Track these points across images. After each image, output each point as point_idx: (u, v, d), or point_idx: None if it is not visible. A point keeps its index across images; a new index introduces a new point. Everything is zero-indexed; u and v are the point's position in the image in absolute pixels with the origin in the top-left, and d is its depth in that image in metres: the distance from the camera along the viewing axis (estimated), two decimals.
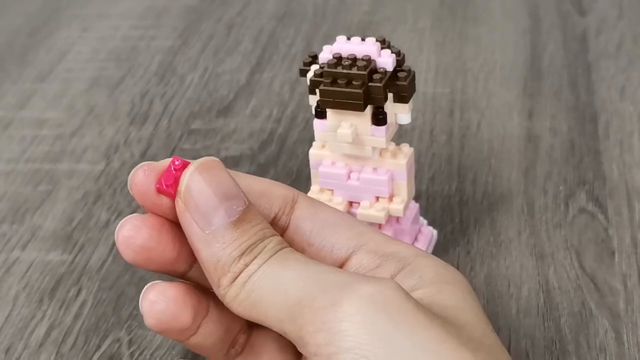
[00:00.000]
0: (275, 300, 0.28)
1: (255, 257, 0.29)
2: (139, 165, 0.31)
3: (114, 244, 0.46)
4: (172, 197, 0.30)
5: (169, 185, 0.30)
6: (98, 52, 0.66)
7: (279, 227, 0.33)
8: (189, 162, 0.30)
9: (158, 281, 0.31)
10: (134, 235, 0.30)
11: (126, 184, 0.51)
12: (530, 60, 0.61)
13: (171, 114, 0.58)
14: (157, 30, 0.69)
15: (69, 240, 0.47)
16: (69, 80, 0.63)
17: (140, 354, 0.40)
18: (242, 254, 0.29)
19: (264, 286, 0.29)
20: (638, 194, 0.47)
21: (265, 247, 0.29)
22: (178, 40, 0.67)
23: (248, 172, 0.51)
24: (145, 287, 0.31)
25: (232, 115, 0.57)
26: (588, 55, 0.61)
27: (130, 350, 0.40)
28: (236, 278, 0.29)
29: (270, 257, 0.29)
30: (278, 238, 0.30)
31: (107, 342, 0.41)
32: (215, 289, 0.30)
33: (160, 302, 0.30)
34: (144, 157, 0.54)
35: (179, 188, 0.30)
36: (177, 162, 0.30)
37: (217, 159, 0.31)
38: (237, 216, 0.29)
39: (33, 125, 0.58)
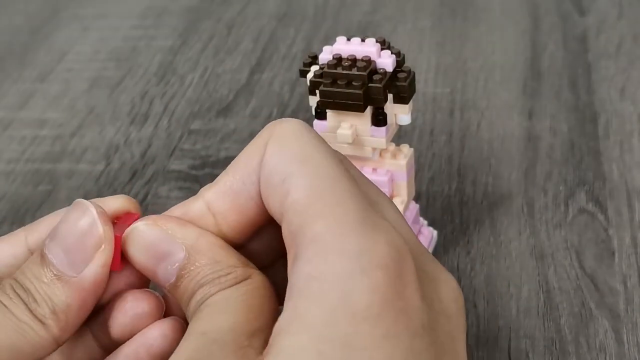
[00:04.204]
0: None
1: (190, 310, 0.29)
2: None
3: None
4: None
5: (122, 261, 0.30)
6: (98, 52, 0.66)
7: None
8: (124, 230, 0.30)
9: None
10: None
11: (126, 184, 0.51)
12: (530, 60, 0.61)
13: (171, 114, 0.58)
14: (157, 30, 0.69)
15: None
16: (69, 80, 0.63)
17: None
18: (191, 300, 0.29)
19: None
20: (638, 194, 0.47)
21: (191, 303, 0.28)
22: (178, 40, 0.67)
23: None
24: None
25: (232, 115, 0.57)
26: (588, 55, 0.61)
27: None
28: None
29: (193, 314, 0.28)
30: (204, 290, 0.28)
31: None
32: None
33: None
34: (144, 157, 0.54)
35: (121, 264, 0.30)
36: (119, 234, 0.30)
37: (145, 217, 0.30)
38: (176, 274, 0.29)
39: (33, 125, 0.58)
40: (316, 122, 0.40)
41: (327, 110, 0.39)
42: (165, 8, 0.72)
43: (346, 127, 0.38)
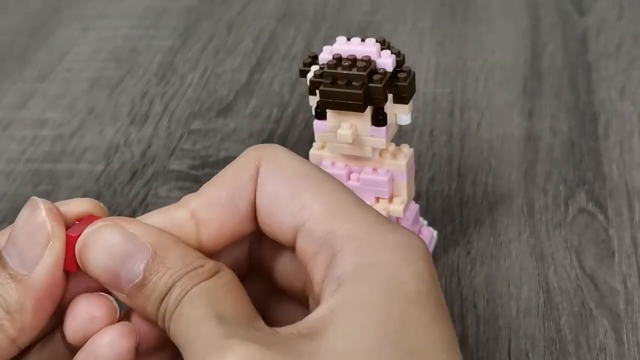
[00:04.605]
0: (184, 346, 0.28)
1: (167, 305, 0.28)
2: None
3: None
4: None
5: (70, 264, 0.29)
6: (98, 52, 0.66)
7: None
8: (82, 230, 0.29)
9: None
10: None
11: (126, 184, 0.51)
12: (530, 60, 0.61)
13: (171, 114, 0.58)
14: (157, 30, 0.69)
15: None
16: (69, 80, 0.63)
17: None
18: (159, 306, 0.28)
19: (177, 331, 0.28)
20: (638, 194, 0.47)
21: (170, 297, 0.28)
22: (178, 40, 0.67)
23: None
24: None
25: (232, 115, 0.57)
26: (588, 55, 0.61)
27: None
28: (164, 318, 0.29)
29: (175, 307, 0.28)
30: (183, 282, 0.28)
31: None
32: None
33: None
34: (144, 157, 0.54)
35: (79, 264, 0.29)
36: (72, 234, 0.29)
37: (105, 218, 0.29)
38: (142, 273, 0.28)
39: (33, 125, 0.58)
40: (316, 122, 0.40)
41: (327, 110, 0.39)
42: (165, 8, 0.72)
43: (346, 127, 0.38)
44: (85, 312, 0.29)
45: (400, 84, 0.38)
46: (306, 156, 0.50)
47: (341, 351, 0.26)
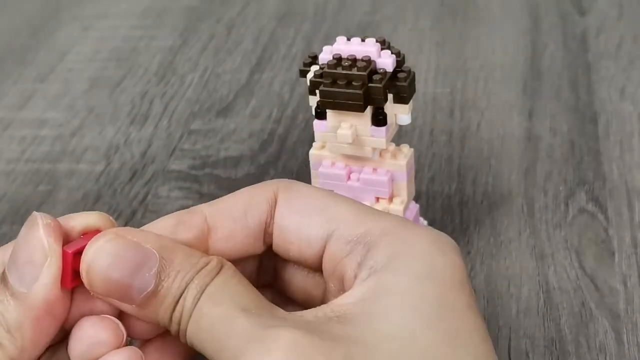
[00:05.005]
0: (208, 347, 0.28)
1: (183, 308, 0.28)
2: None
3: None
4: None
5: (74, 279, 0.29)
6: (98, 52, 0.66)
7: (269, 234, 0.32)
8: (81, 245, 0.29)
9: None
10: None
11: (126, 184, 0.51)
12: (530, 60, 0.61)
13: (171, 114, 0.58)
14: (157, 30, 0.69)
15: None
16: (69, 80, 0.63)
17: None
18: (173, 310, 0.28)
19: (199, 332, 0.28)
20: (638, 194, 0.47)
21: (186, 299, 0.28)
22: (178, 40, 0.67)
23: (247, 173, 0.51)
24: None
25: (232, 115, 0.57)
26: (588, 55, 0.61)
27: None
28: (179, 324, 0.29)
29: (193, 309, 0.28)
30: (196, 282, 0.28)
31: None
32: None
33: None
34: (144, 157, 0.54)
35: (84, 282, 0.29)
36: (70, 250, 0.29)
37: (105, 231, 0.29)
38: (154, 279, 0.28)
39: (33, 125, 0.58)
40: (316, 122, 0.40)
41: (327, 110, 0.39)
42: (165, 8, 0.72)
43: (346, 127, 0.38)
44: (90, 335, 0.29)
45: (400, 84, 0.38)
46: (306, 156, 0.50)
47: (383, 334, 0.27)
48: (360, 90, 0.37)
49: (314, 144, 0.41)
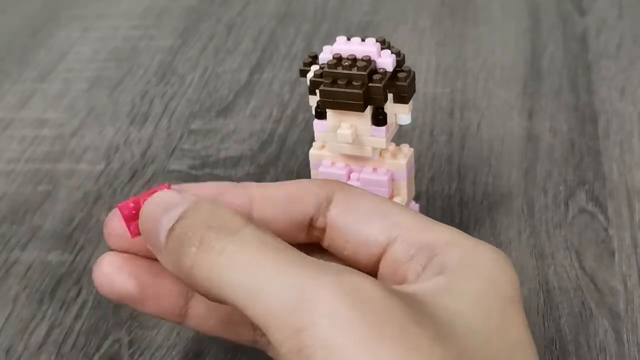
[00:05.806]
0: (236, 285, 0.28)
1: (207, 251, 0.29)
2: (113, 211, 0.33)
3: None
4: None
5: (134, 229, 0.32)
6: (98, 52, 0.66)
7: (317, 228, 0.33)
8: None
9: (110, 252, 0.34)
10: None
11: (126, 184, 0.51)
12: (530, 60, 0.61)
13: (171, 114, 0.58)
14: (157, 30, 0.69)
15: (69, 241, 0.47)
16: (69, 80, 0.63)
17: (140, 355, 0.40)
18: (198, 249, 0.29)
19: (225, 266, 0.28)
20: (638, 194, 0.47)
21: (212, 243, 0.29)
22: (178, 40, 0.67)
23: (247, 173, 0.51)
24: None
25: (232, 115, 0.57)
26: (588, 55, 0.61)
27: (131, 350, 0.40)
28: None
29: (221, 253, 0.29)
30: (224, 228, 0.29)
31: (108, 342, 0.41)
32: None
33: (105, 269, 0.33)
34: (144, 157, 0.54)
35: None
36: (131, 204, 0.32)
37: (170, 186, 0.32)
38: (173, 222, 0.30)
39: (33, 125, 0.58)
40: (316, 122, 0.40)
41: (327, 110, 0.39)
42: (165, 8, 0.72)
43: (346, 127, 0.38)
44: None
45: (400, 84, 0.38)
46: (306, 156, 0.50)
47: (460, 329, 0.28)
48: (360, 90, 0.37)
49: (314, 143, 0.41)
